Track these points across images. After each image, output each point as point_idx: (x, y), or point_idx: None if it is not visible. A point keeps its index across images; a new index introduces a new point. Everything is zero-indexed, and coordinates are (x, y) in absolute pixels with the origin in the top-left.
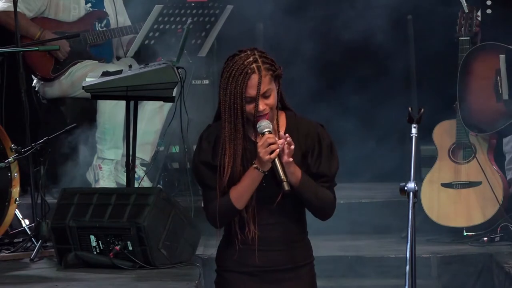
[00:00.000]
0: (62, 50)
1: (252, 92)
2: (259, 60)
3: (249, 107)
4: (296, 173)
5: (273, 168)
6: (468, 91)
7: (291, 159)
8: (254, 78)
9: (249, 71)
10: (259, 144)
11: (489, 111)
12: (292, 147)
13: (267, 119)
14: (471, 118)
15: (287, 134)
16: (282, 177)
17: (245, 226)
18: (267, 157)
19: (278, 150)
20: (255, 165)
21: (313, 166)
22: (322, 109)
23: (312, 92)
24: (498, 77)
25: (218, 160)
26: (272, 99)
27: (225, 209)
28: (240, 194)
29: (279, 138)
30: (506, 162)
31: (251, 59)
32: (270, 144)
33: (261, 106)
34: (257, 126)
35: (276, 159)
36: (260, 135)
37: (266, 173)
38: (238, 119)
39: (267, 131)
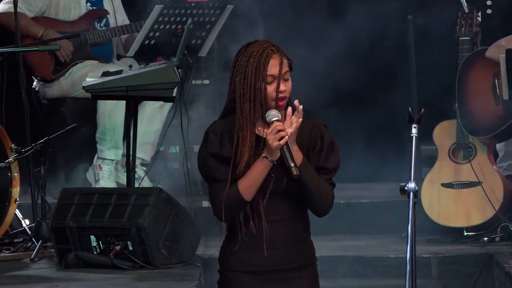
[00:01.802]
0: (66, 49)
1: (274, 70)
2: (275, 46)
3: (270, 88)
4: (299, 153)
5: (282, 155)
6: (467, 96)
7: (294, 123)
8: (276, 57)
9: (270, 51)
10: (268, 132)
11: (488, 114)
12: (301, 108)
13: (284, 104)
14: (470, 122)
15: (301, 106)
16: (291, 163)
17: (249, 220)
18: (276, 143)
19: (287, 137)
20: (264, 155)
21: (313, 160)
22: (321, 107)
23: (311, 91)
24: (496, 80)
25: (233, 148)
26: (290, 84)
27: (233, 201)
28: (249, 184)
29: (293, 110)
30: (498, 160)
31: (267, 43)
32: (279, 131)
33: (283, 86)
34: (266, 116)
35: (284, 146)
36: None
37: (275, 162)
38: (260, 97)
39: (276, 119)
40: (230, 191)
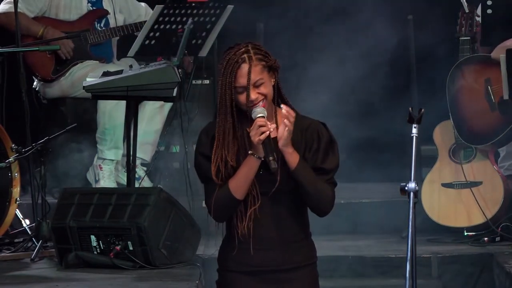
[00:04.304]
0: (67, 46)
1: (242, 81)
2: (251, 51)
3: (242, 98)
4: (294, 155)
5: (264, 150)
6: (460, 107)
7: (289, 127)
8: (244, 67)
9: (240, 60)
10: (251, 128)
11: (485, 122)
12: (287, 121)
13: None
14: (467, 131)
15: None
16: (270, 157)
17: (243, 222)
18: (257, 138)
19: (267, 132)
20: (250, 152)
21: (309, 160)
22: (320, 107)
23: (311, 90)
24: (489, 87)
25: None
26: (265, 89)
27: (225, 200)
28: (238, 182)
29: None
30: (500, 159)
31: (242, 49)
32: (260, 126)
33: (253, 96)
34: (251, 113)
35: (266, 141)
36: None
37: (263, 159)
38: (228, 109)
39: (260, 116)
40: (221, 190)
